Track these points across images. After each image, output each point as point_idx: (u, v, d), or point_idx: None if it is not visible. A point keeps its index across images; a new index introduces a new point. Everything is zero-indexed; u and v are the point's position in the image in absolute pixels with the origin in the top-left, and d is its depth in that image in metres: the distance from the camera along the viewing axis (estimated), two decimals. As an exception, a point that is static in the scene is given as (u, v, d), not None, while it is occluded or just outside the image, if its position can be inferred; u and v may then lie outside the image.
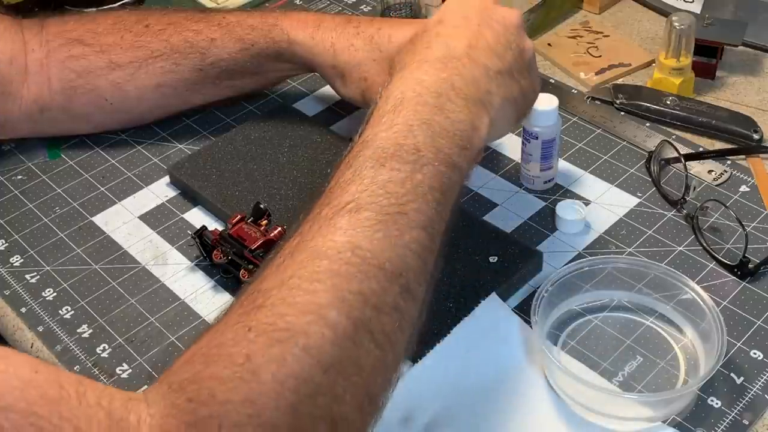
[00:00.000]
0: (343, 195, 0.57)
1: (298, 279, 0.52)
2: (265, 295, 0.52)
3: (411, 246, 0.56)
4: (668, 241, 0.78)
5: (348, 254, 0.53)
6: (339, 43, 0.84)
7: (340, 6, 1.13)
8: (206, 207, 0.85)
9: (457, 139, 0.62)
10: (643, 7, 1.10)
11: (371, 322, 0.52)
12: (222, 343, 0.50)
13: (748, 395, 0.65)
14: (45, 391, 0.47)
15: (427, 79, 0.64)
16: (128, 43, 0.87)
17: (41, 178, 0.90)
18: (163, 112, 0.93)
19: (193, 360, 0.50)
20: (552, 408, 0.66)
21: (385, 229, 0.55)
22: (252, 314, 0.51)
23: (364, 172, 0.58)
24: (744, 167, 0.85)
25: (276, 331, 0.50)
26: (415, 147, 0.59)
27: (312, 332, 0.50)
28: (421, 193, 0.58)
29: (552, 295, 0.69)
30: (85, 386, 0.49)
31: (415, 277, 0.56)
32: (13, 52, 0.87)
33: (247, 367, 0.48)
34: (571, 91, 0.96)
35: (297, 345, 0.49)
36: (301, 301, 0.51)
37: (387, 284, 0.54)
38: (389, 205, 0.56)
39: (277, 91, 0.99)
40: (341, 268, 0.53)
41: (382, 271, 0.54)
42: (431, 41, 0.67)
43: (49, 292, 0.78)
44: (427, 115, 0.61)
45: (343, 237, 0.54)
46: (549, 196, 0.83)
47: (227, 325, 0.51)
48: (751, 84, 0.96)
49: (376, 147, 0.59)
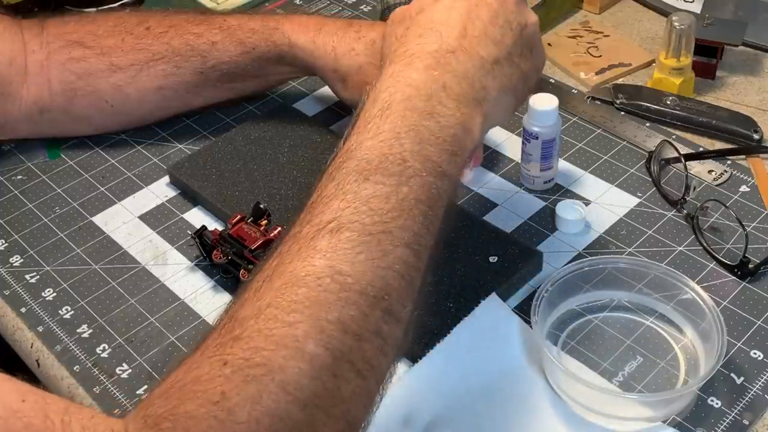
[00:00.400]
0: (325, 212, 0.54)
1: (275, 309, 0.50)
2: (242, 326, 0.50)
3: (395, 267, 0.53)
4: (668, 241, 0.78)
5: (327, 280, 0.51)
6: (340, 48, 0.84)
7: (339, 6, 1.13)
8: (206, 207, 0.85)
9: (447, 146, 0.59)
10: (643, 7, 1.10)
11: (351, 351, 0.50)
12: (198, 378, 0.49)
13: (748, 395, 0.65)
14: (30, 422, 0.46)
15: (418, 78, 0.60)
16: (129, 46, 0.87)
17: (41, 178, 0.91)
18: (163, 114, 0.93)
19: (169, 393, 0.49)
20: (552, 408, 0.66)
21: (367, 251, 0.53)
22: (228, 346, 0.49)
23: (347, 186, 0.55)
24: (744, 167, 0.85)
25: (252, 367, 0.48)
26: (402, 157, 0.56)
27: (289, 367, 0.48)
28: (407, 207, 0.55)
29: (552, 295, 0.69)
30: (71, 415, 0.48)
31: (398, 299, 0.54)
32: (13, 53, 0.87)
33: (222, 405, 0.47)
34: (571, 91, 0.96)
35: (273, 381, 0.48)
36: (277, 334, 0.49)
37: (368, 309, 0.52)
38: (372, 223, 0.53)
39: (277, 91, 0.99)
40: (320, 296, 0.51)
41: (363, 296, 0.52)
42: (424, 30, 0.63)
43: (49, 292, 0.78)
44: (415, 120, 0.58)
45: (323, 260, 0.52)
46: (549, 196, 0.83)
47: (204, 357, 0.50)
48: (751, 84, 0.96)
49: (360, 158, 0.56)
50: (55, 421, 0.47)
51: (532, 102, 0.80)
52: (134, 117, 0.92)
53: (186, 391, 0.48)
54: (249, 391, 0.47)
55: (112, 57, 0.87)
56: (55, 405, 0.48)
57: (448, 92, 0.60)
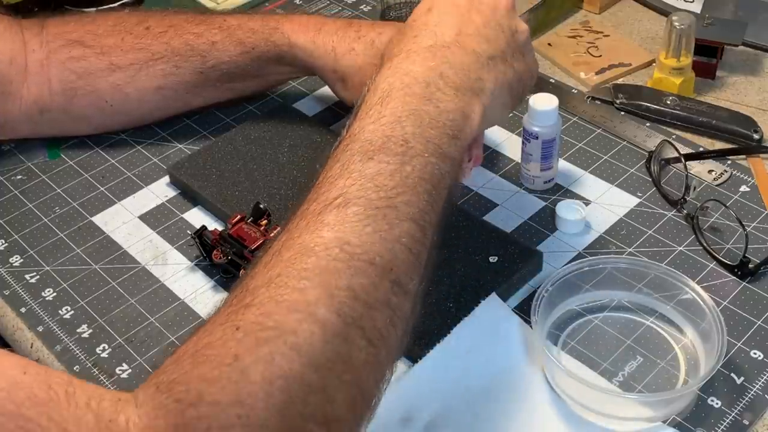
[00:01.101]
0: (331, 190, 0.56)
1: (285, 277, 0.51)
2: (253, 294, 0.51)
3: (401, 239, 0.55)
4: (668, 241, 0.78)
5: (336, 250, 0.52)
6: (340, 48, 0.84)
7: (339, 6, 1.13)
8: (206, 207, 0.85)
9: (447, 129, 0.60)
10: (643, 6, 1.10)
11: (362, 319, 0.51)
12: (210, 343, 0.49)
13: (748, 395, 0.65)
14: (33, 393, 0.47)
15: (415, 69, 0.62)
16: (129, 45, 0.88)
17: (41, 178, 0.91)
18: (163, 114, 0.93)
19: (181, 360, 0.49)
20: (552, 408, 0.66)
21: (374, 224, 0.54)
22: (240, 313, 0.50)
23: (352, 166, 0.57)
24: (744, 167, 0.85)
25: (264, 330, 0.49)
26: (404, 138, 0.58)
27: (301, 330, 0.49)
28: (411, 184, 0.57)
29: (552, 295, 0.69)
30: (75, 387, 0.48)
31: (406, 271, 0.55)
32: (13, 52, 0.87)
33: (235, 367, 0.47)
34: (571, 91, 0.96)
35: (286, 344, 0.48)
36: (288, 299, 0.50)
37: (377, 279, 0.53)
38: (378, 198, 0.55)
39: (277, 91, 0.99)
40: (329, 264, 0.52)
41: (371, 266, 0.53)
42: (419, 31, 0.66)
43: (48, 292, 0.78)
44: (415, 105, 0.60)
45: (331, 233, 0.53)
46: (549, 196, 0.83)
47: (215, 324, 0.51)
48: (751, 84, 0.96)
49: (363, 140, 0.58)
50: (59, 392, 0.47)
51: (532, 102, 0.80)
52: (134, 117, 0.92)
53: (199, 356, 0.49)
54: (262, 353, 0.48)
55: (111, 56, 0.87)
56: (58, 377, 0.49)
57: (446, 80, 0.62)
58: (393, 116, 0.59)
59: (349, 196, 0.55)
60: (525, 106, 0.81)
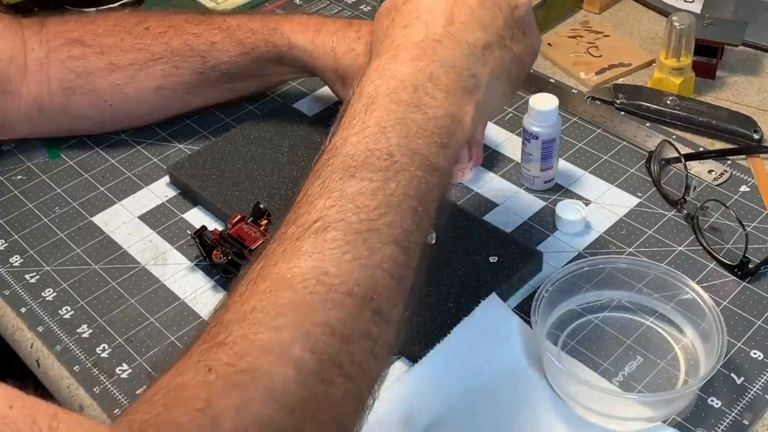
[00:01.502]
0: (310, 211, 0.53)
1: (260, 313, 0.49)
2: (227, 330, 0.49)
3: (383, 265, 0.52)
4: (668, 241, 0.78)
5: (312, 282, 0.50)
6: (340, 48, 0.84)
7: (339, 6, 1.13)
8: (206, 207, 0.85)
9: (435, 138, 0.57)
10: (643, 7, 1.10)
11: (339, 354, 0.49)
12: (183, 384, 0.47)
13: (748, 395, 0.65)
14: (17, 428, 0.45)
15: (403, 70, 0.58)
16: (128, 45, 0.87)
17: (41, 178, 0.90)
18: (162, 114, 0.93)
19: (153, 400, 0.47)
20: (552, 408, 0.66)
21: (354, 250, 0.51)
22: (212, 351, 0.48)
23: (332, 184, 0.54)
24: (744, 167, 0.85)
25: (237, 374, 0.47)
26: (388, 152, 0.54)
27: (274, 373, 0.47)
28: (395, 203, 0.53)
29: (552, 295, 0.69)
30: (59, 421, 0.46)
31: (388, 298, 0.52)
32: (13, 51, 0.87)
33: (207, 413, 0.45)
34: (571, 91, 0.96)
35: (259, 388, 0.46)
36: (263, 339, 0.48)
37: (356, 311, 0.50)
38: (359, 221, 0.52)
39: (277, 91, 0.99)
40: (305, 299, 0.49)
41: (350, 297, 0.50)
42: (409, 20, 0.61)
43: (48, 292, 0.78)
44: (401, 113, 0.56)
45: (308, 262, 0.50)
46: (549, 196, 0.83)
47: (189, 362, 0.49)
48: (751, 84, 0.96)
49: (345, 155, 0.55)
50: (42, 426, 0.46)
51: (532, 102, 0.80)
52: (133, 116, 0.92)
53: (170, 397, 0.47)
54: (234, 399, 0.46)
55: (111, 56, 0.87)
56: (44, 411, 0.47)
57: (436, 83, 0.58)
58: (377, 126, 0.56)
59: (328, 220, 0.52)
60: (525, 106, 0.81)
